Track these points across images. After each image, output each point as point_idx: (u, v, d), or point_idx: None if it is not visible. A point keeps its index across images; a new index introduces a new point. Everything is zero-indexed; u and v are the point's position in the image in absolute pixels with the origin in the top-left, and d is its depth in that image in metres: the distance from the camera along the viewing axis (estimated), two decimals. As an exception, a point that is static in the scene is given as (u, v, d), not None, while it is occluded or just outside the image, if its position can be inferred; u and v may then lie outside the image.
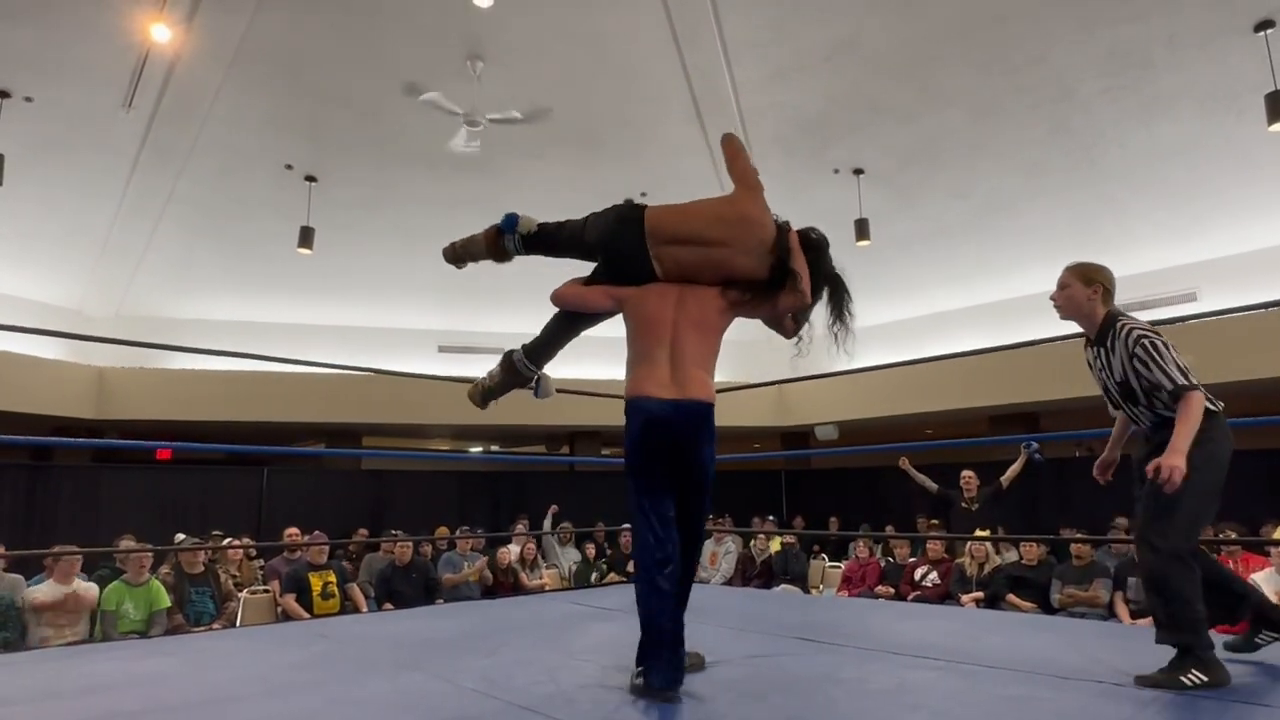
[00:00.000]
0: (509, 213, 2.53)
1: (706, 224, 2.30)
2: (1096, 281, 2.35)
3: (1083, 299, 2.35)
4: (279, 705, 2.06)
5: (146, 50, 6.84)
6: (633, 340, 2.30)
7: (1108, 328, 2.30)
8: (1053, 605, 5.46)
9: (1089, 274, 2.36)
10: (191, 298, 9.98)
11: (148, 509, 8.45)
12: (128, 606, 4.66)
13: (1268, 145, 6.69)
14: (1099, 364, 2.36)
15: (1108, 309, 2.34)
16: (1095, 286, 2.34)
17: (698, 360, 2.25)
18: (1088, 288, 2.34)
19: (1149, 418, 2.26)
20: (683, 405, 2.17)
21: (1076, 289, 2.36)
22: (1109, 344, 2.28)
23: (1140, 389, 2.21)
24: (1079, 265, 2.40)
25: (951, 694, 2.07)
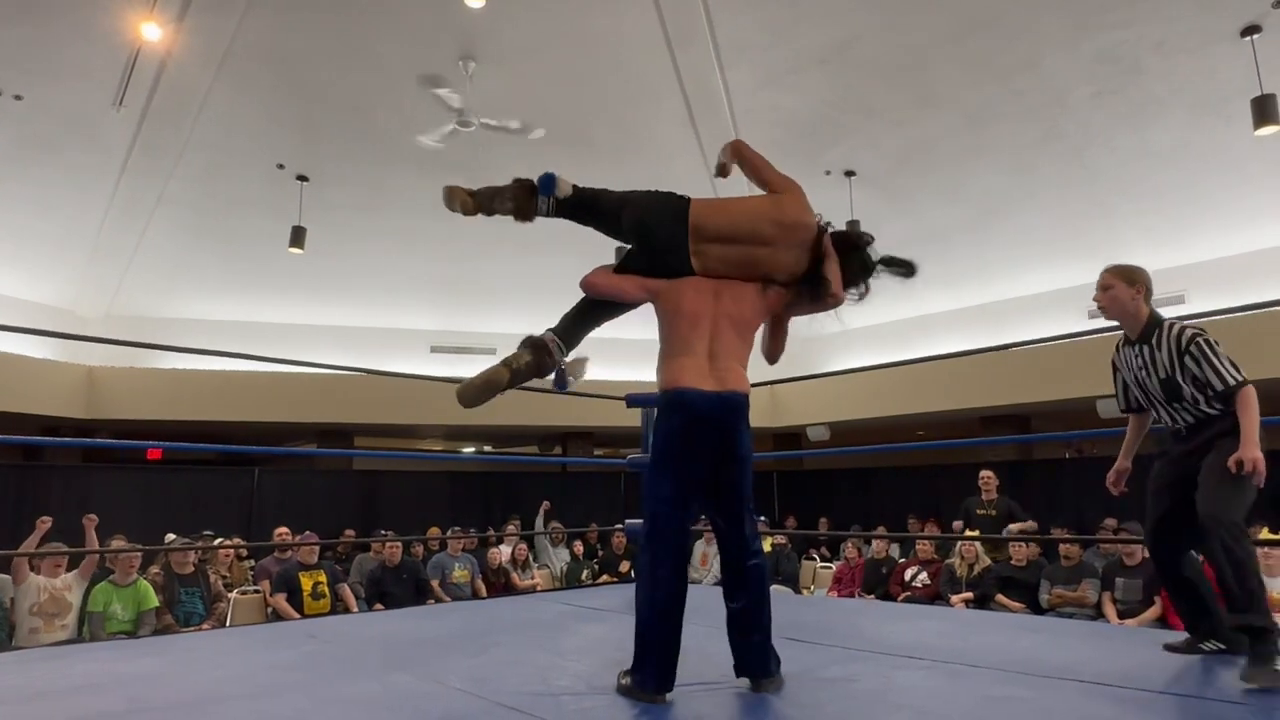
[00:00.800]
0: (547, 172, 2.41)
1: (753, 223, 2.26)
2: (1139, 282, 2.41)
3: (1127, 299, 2.40)
4: (266, 705, 2.06)
5: (137, 49, 6.82)
6: (669, 333, 2.25)
7: (1153, 327, 2.36)
8: (1041, 605, 5.49)
9: (1132, 275, 2.42)
10: (183, 298, 9.95)
11: (138, 509, 8.41)
12: (115, 607, 4.65)
13: (1254, 149, 6.75)
14: (1139, 362, 2.39)
15: (1150, 309, 2.40)
16: (1139, 287, 2.40)
17: (736, 355, 2.24)
18: (1131, 288, 2.40)
19: (1188, 417, 2.30)
20: (725, 397, 2.15)
21: (1121, 289, 2.41)
22: (1154, 342, 2.33)
23: (1189, 387, 2.25)
24: (1120, 267, 2.46)
25: (937, 694, 2.09)
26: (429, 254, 9.92)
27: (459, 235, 9.69)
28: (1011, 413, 9.53)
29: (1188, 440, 2.32)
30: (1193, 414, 2.29)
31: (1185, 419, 2.32)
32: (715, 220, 2.26)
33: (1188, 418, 2.31)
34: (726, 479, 2.18)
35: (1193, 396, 2.26)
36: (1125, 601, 5.16)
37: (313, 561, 5.71)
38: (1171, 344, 2.28)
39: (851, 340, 10.49)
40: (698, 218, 2.25)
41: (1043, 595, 5.51)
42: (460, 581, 6.50)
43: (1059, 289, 8.97)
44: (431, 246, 9.81)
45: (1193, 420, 2.29)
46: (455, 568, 6.56)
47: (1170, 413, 2.36)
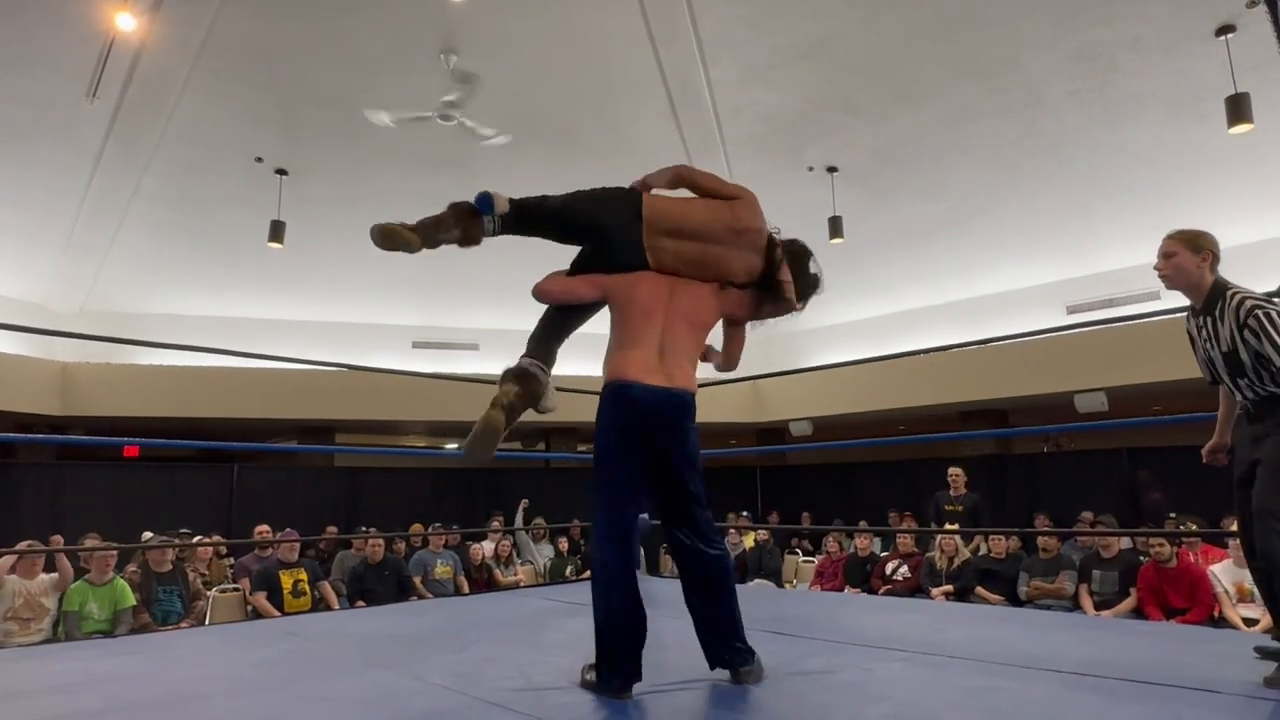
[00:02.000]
0: (482, 191, 2.34)
1: (707, 221, 2.27)
2: (1205, 248, 2.21)
3: (1191, 267, 2.20)
4: (244, 703, 2.04)
5: (111, 39, 6.70)
6: (620, 326, 2.22)
7: (1216, 296, 2.17)
8: (1020, 597, 5.57)
9: (1196, 240, 2.22)
10: (160, 292, 9.81)
11: (114, 507, 8.31)
12: (91, 606, 4.58)
13: (1228, 147, 6.85)
14: (1204, 335, 2.21)
15: (1215, 277, 2.21)
16: (1204, 253, 2.20)
17: (687, 352, 2.22)
18: (1196, 255, 2.20)
19: (1252, 394, 2.13)
20: (672, 394, 2.13)
21: (1185, 256, 2.21)
22: (1217, 313, 2.15)
23: (1249, 361, 2.08)
24: (1184, 232, 2.26)
25: (916, 685, 2.11)
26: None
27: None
28: (990, 407, 9.63)
29: (1254, 423, 2.16)
30: (1255, 391, 2.11)
31: (1250, 395, 2.14)
32: (670, 214, 2.27)
33: (1251, 394, 2.13)
34: (674, 476, 2.16)
35: (1255, 372, 2.07)
36: (1101, 593, 5.25)
37: (293, 559, 5.66)
38: (1231, 315, 2.10)
39: (833, 336, 10.55)
40: (651, 210, 2.25)
41: (1021, 587, 5.59)
42: (443, 578, 6.47)
43: (1037, 285, 9.07)
44: (413, 242, 9.73)
45: (1256, 398, 2.12)
46: (437, 564, 6.53)
47: (1234, 389, 2.19)
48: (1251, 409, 2.15)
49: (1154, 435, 8.74)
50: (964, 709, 1.87)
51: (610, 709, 1.94)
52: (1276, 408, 2.07)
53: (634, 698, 2.01)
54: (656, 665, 2.27)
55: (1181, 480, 7.38)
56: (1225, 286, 2.18)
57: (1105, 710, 1.83)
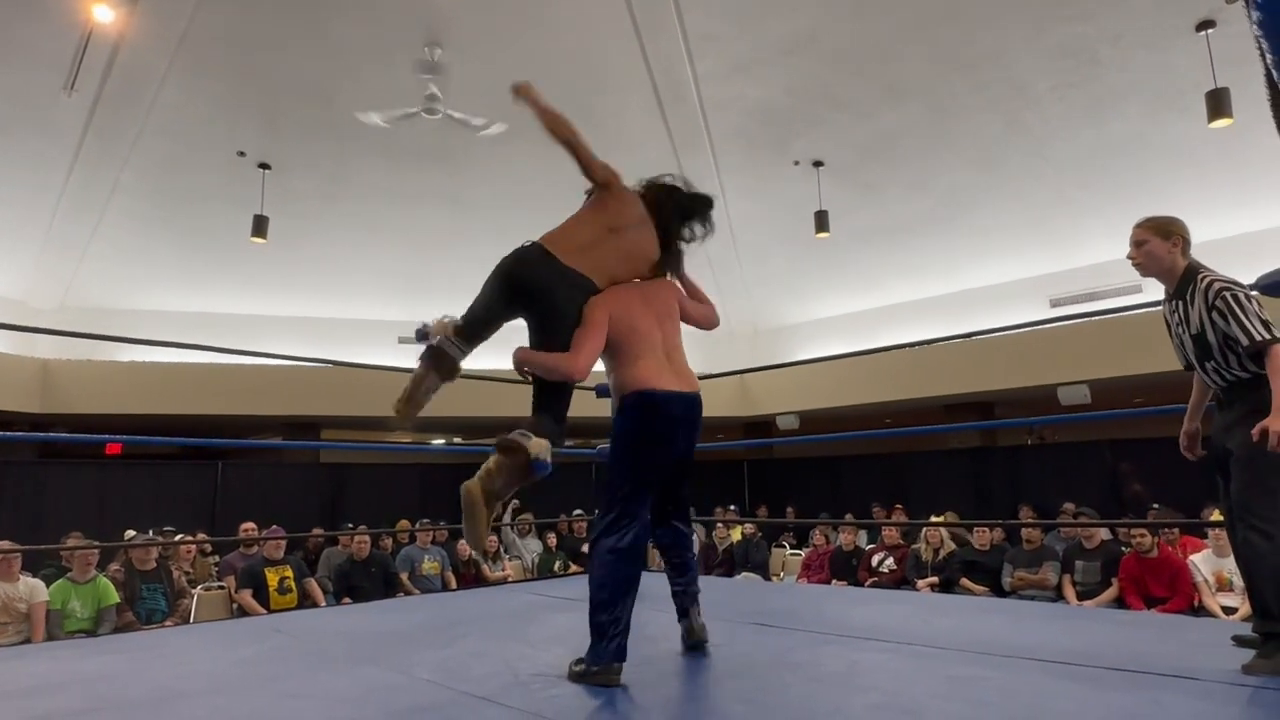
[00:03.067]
0: (418, 326, 2.36)
1: (593, 222, 2.36)
2: (1174, 234, 2.25)
3: (1163, 253, 2.24)
4: (230, 701, 2.03)
5: (89, 31, 6.60)
6: (625, 337, 2.26)
7: (1188, 280, 2.20)
8: (1004, 588, 5.62)
9: (1166, 227, 2.27)
10: (141, 288, 9.69)
11: (96, 505, 8.22)
12: (74, 605, 4.54)
13: (1208, 142, 6.92)
14: (1176, 319, 2.26)
15: (1188, 261, 2.25)
16: (1174, 239, 2.24)
17: (680, 348, 2.37)
18: (1166, 240, 2.25)
19: (1220, 379, 2.15)
20: (692, 398, 2.28)
21: (1156, 243, 2.25)
22: (1188, 296, 2.18)
23: (1216, 343, 2.10)
24: (1153, 219, 2.30)
25: (901, 675, 2.13)
26: (395, 243, 9.79)
27: (426, 225, 9.58)
28: (975, 400, 9.70)
29: (1224, 410, 2.18)
30: (1224, 376, 2.13)
31: (1219, 381, 2.16)
32: (565, 233, 2.33)
33: (1220, 380, 2.15)
34: (683, 471, 2.38)
35: (1223, 355, 2.10)
36: (1084, 583, 5.31)
37: (279, 556, 5.63)
38: (1201, 297, 2.13)
39: (820, 330, 10.59)
40: (550, 242, 2.29)
41: (1005, 578, 5.64)
42: (430, 573, 6.46)
43: (1021, 279, 9.13)
44: (398, 236, 9.68)
45: (1225, 384, 2.14)
46: (425, 560, 6.51)
47: (1206, 374, 2.20)
48: (1222, 395, 2.19)
49: (1136, 427, 8.84)
50: (948, 698, 1.89)
51: (599, 701, 1.94)
52: (1245, 393, 2.08)
53: (622, 688, 2.01)
54: (646, 658, 2.27)
55: (1162, 471, 7.47)
56: (1197, 270, 2.21)
57: (1088, 698, 1.86)
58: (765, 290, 10.56)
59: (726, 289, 10.27)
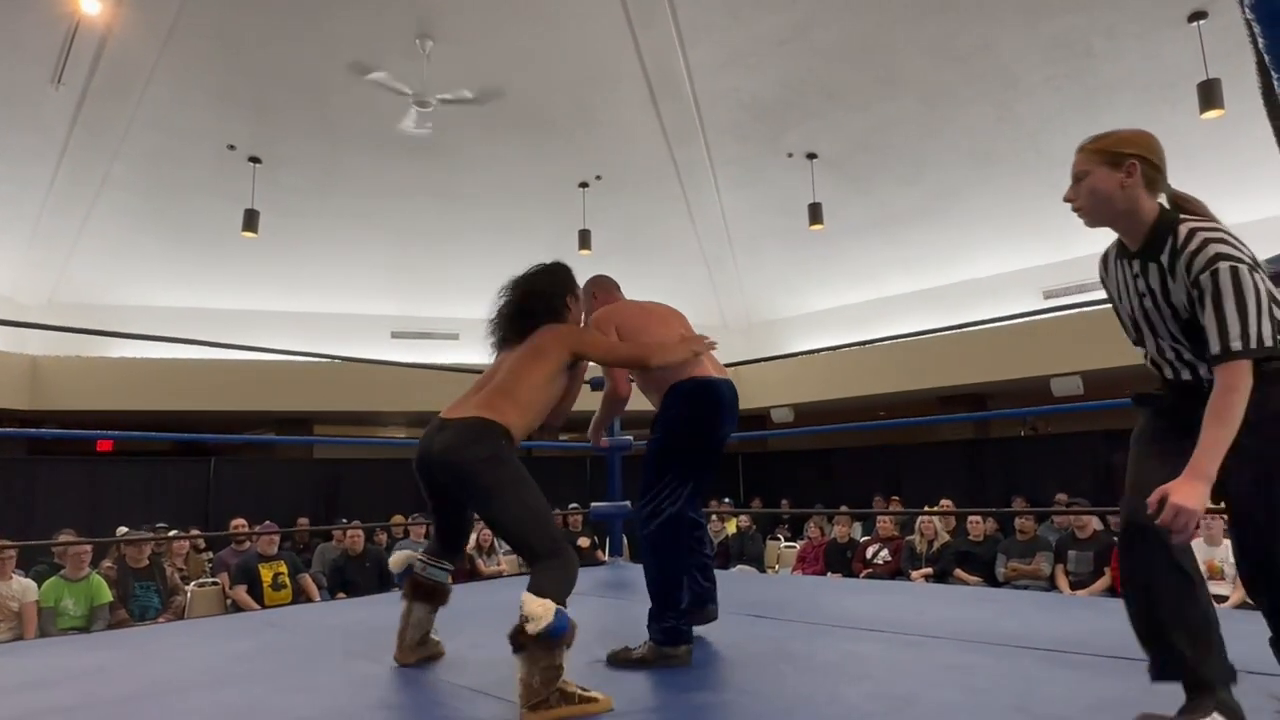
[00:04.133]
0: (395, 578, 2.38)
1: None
2: (1129, 157, 1.48)
3: (1112, 189, 1.49)
4: (224, 695, 2.02)
5: (75, 23, 6.54)
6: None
7: (1164, 233, 1.46)
8: (998, 579, 5.65)
9: (1115, 148, 1.50)
10: (130, 284, 9.64)
11: (87, 502, 8.19)
12: (67, 602, 4.52)
13: (1200, 133, 6.94)
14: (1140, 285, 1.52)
15: (1159, 201, 1.51)
16: (1128, 166, 1.48)
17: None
18: (1117, 170, 1.49)
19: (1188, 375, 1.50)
20: (733, 386, 2.38)
21: (1100, 175, 1.50)
22: (1163, 260, 1.45)
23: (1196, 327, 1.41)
24: (1100, 140, 1.55)
25: (895, 664, 2.13)
26: (388, 238, 9.76)
27: (419, 219, 9.54)
28: (969, 392, 9.74)
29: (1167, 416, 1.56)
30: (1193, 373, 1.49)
31: (1185, 377, 1.50)
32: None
33: (1187, 375, 1.50)
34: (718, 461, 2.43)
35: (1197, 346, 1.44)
36: (1077, 573, 5.34)
37: (273, 552, 5.62)
38: (1185, 262, 1.41)
39: (814, 322, 10.60)
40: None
41: (999, 569, 5.67)
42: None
43: (1014, 270, 9.16)
44: (390, 230, 9.64)
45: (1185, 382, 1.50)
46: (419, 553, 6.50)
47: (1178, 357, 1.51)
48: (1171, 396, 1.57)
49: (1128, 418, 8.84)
50: (942, 686, 1.90)
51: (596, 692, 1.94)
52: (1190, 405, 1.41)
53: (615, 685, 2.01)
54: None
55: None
56: (1177, 220, 1.47)
57: (1080, 685, 1.87)
58: (759, 283, 10.56)
59: (720, 282, 10.28)
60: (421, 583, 2.26)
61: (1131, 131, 1.54)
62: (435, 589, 2.26)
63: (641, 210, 9.45)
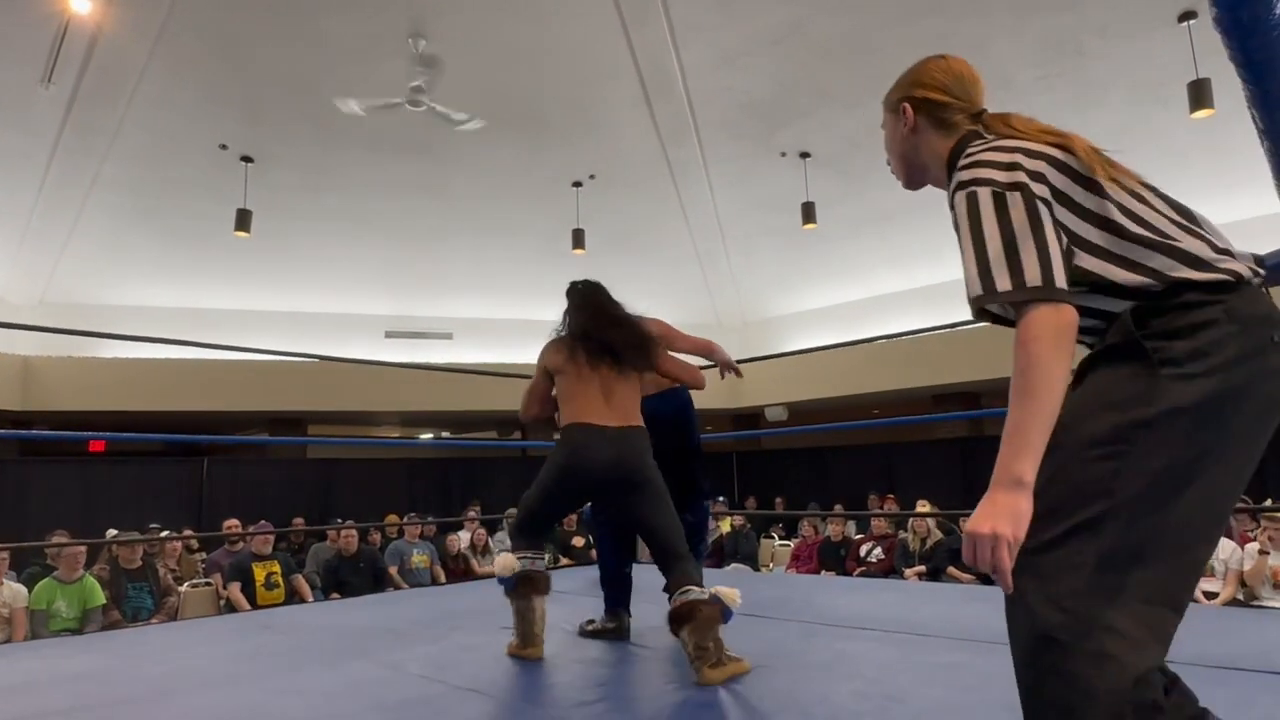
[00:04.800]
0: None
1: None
2: (909, 92, 1.25)
3: (898, 138, 1.30)
4: (219, 698, 2.02)
5: (66, 21, 6.50)
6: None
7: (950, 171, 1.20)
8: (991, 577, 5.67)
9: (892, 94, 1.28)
10: (122, 283, 9.59)
11: (80, 503, 8.16)
12: (60, 604, 4.50)
13: (1190, 133, 6.98)
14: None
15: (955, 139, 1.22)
16: (904, 104, 1.25)
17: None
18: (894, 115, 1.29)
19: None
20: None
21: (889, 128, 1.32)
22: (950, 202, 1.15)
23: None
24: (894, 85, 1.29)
25: (887, 663, 2.15)
26: (382, 237, 9.73)
27: (412, 218, 9.52)
28: (962, 390, 9.77)
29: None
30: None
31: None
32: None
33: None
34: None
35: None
36: (1068, 569, 5.37)
37: (266, 552, 5.60)
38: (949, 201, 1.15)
39: (808, 321, 10.62)
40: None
41: (991, 566, 5.69)
42: (419, 567, 6.44)
43: (1006, 269, 9.18)
44: (384, 229, 9.62)
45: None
46: (413, 553, 6.50)
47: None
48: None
49: (1119, 415, 8.92)
50: (933, 684, 1.91)
51: (590, 691, 1.95)
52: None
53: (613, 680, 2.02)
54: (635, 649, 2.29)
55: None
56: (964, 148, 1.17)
57: (1070, 683, 1.88)
58: (753, 282, 10.58)
59: (714, 281, 10.29)
60: (535, 578, 2.39)
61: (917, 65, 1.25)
62: (546, 579, 2.41)
63: (635, 209, 9.45)
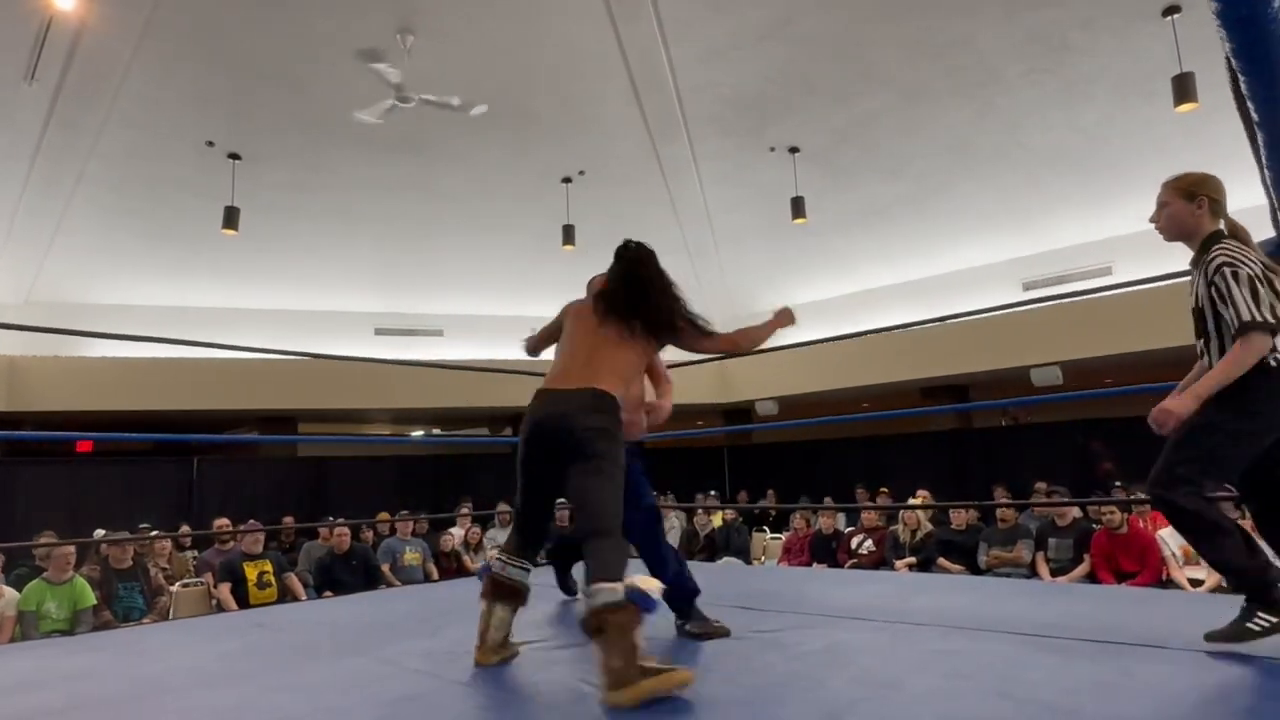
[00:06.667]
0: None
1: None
2: (1200, 194, 2.05)
3: (1186, 215, 2.07)
4: (214, 696, 2.02)
5: (49, 18, 6.43)
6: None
7: (1204, 250, 2.02)
8: (980, 567, 5.73)
9: (1192, 187, 2.07)
10: (109, 282, 9.51)
11: (68, 504, 8.10)
12: (50, 606, 4.47)
13: (1175, 126, 7.03)
14: (1189, 289, 2.07)
15: (1216, 226, 2.05)
16: (1199, 200, 2.05)
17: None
18: (1190, 202, 2.06)
19: (1212, 364, 2.00)
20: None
21: (1178, 205, 2.08)
22: (1201, 267, 2.00)
23: (1213, 323, 1.97)
24: (1180, 178, 2.11)
25: (880, 651, 2.17)
26: (371, 234, 9.69)
27: (402, 214, 9.49)
28: (951, 383, 9.84)
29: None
30: (1213, 362, 1.99)
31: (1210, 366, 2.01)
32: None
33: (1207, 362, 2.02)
34: None
35: (1219, 337, 1.96)
36: (1057, 560, 5.43)
37: (258, 551, 5.58)
38: (1205, 270, 1.96)
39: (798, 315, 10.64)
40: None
41: (981, 557, 5.75)
42: (411, 564, 6.44)
43: (994, 262, 9.26)
44: (373, 226, 9.58)
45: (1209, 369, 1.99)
46: (406, 551, 6.49)
47: (1202, 353, 2.06)
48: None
49: (1106, 407, 9.02)
50: (926, 671, 1.94)
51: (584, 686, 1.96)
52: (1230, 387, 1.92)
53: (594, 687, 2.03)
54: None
55: (1132, 449, 7.63)
56: (1218, 239, 2.02)
57: (1060, 667, 1.91)
58: (743, 276, 10.60)
59: (704, 276, 10.30)
60: (501, 582, 2.17)
61: (1204, 175, 2.09)
62: (515, 589, 2.18)
63: (625, 205, 9.45)
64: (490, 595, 2.18)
